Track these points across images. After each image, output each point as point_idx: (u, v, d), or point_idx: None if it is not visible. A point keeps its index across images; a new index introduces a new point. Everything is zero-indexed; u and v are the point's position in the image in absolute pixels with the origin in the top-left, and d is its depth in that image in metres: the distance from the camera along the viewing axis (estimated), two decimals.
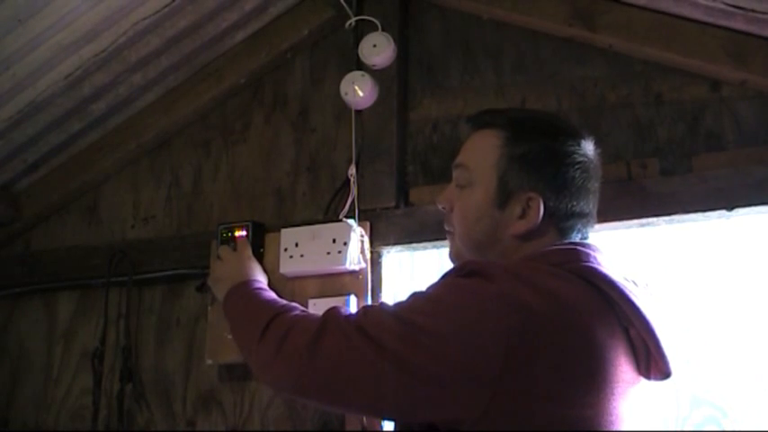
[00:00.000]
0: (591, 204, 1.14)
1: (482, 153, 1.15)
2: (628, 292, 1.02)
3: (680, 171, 1.47)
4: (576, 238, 1.13)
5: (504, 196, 1.11)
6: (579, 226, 1.13)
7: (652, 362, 1.04)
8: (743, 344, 1.68)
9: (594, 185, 1.15)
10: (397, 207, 1.63)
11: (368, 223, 1.61)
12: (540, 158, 1.11)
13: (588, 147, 1.15)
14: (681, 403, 1.58)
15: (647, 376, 1.05)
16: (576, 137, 1.15)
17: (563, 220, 1.11)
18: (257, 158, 1.85)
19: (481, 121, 1.20)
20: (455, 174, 1.20)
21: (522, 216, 1.10)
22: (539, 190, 1.10)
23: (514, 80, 1.67)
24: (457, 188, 1.19)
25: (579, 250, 1.07)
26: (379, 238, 1.61)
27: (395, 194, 1.64)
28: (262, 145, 1.85)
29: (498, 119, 1.18)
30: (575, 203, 1.11)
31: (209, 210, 1.86)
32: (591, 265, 1.04)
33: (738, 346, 1.68)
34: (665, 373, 1.03)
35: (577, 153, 1.12)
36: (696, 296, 1.73)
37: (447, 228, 1.23)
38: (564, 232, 1.12)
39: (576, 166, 1.11)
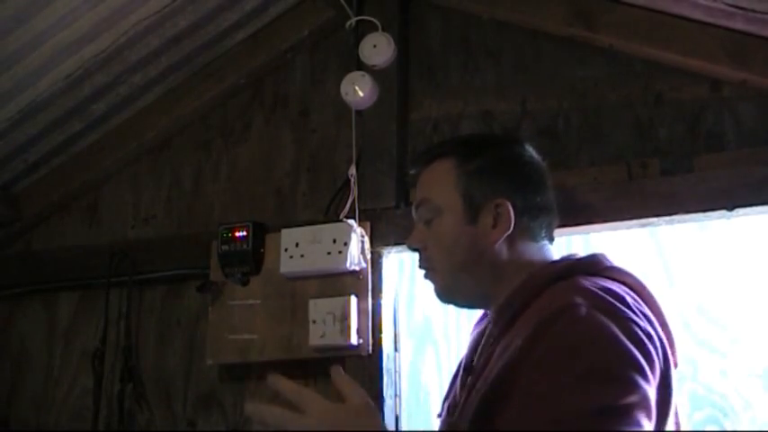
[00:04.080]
0: (551, 199, 1.18)
1: (439, 181, 1.17)
2: (650, 288, 1.05)
3: (680, 171, 1.47)
4: (546, 236, 1.16)
5: (473, 211, 1.13)
6: (546, 223, 1.16)
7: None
8: (744, 344, 1.68)
9: (549, 182, 1.19)
10: (397, 207, 1.63)
11: (368, 223, 1.61)
12: (494, 166, 1.15)
13: (530, 149, 1.21)
14: (682, 404, 1.58)
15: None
16: (519, 142, 1.24)
17: (533, 217, 1.13)
18: (257, 159, 1.84)
19: (429, 155, 1.22)
20: (418, 213, 1.20)
21: (495, 224, 1.11)
22: (504, 194, 1.12)
23: (515, 80, 1.67)
24: (424, 226, 1.18)
25: (600, 256, 1.09)
26: (379, 239, 1.61)
27: (395, 195, 1.64)
28: (262, 145, 1.85)
29: (444, 148, 1.22)
30: (539, 198, 1.15)
31: (210, 210, 1.85)
32: (618, 266, 1.07)
33: (739, 345, 1.68)
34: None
35: (524, 154, 1.19)
36: (697, 296, 1.73)
37: (422, 266, 1.19)
38: (533, 231, 1.14)
39: (528, 165, 1.17)
